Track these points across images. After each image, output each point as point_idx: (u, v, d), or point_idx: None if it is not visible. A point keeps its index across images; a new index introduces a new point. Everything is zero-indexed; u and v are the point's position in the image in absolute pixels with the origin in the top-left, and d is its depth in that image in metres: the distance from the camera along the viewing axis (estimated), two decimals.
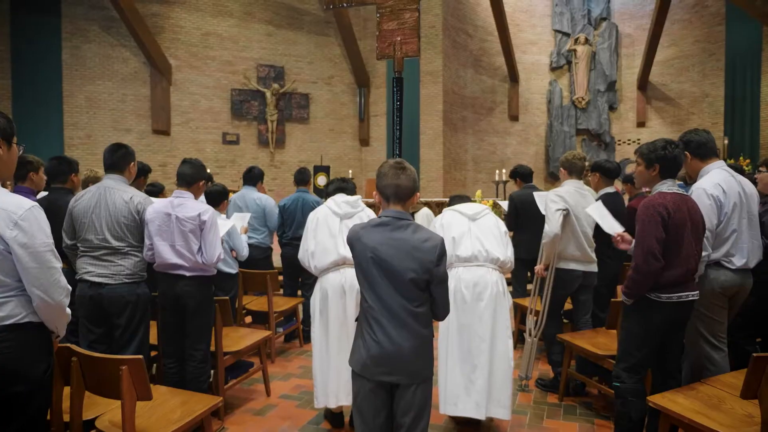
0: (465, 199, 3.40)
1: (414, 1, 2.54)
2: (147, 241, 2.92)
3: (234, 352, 3.35)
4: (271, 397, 3.68)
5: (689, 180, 3.72)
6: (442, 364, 3.07)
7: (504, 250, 3.11)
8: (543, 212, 3.65)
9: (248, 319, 5.03)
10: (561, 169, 3.73)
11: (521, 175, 4.77)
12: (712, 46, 12.99)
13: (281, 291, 5.29)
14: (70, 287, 1.89)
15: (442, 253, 1.93)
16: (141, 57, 11.63)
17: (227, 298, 3.44)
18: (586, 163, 3.87)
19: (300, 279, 5.04)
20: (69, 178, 3.29)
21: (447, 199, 3.49)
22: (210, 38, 12.28)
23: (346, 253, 2.94)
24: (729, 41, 12.45)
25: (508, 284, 4.90)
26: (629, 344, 2.54)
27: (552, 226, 3.43)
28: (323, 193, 3.46)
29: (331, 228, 3.05)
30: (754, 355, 2.07)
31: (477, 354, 2.98)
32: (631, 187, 4.64)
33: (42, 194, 3.42)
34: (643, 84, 14.13)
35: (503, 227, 3.22)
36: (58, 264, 1.82)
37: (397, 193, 1.97)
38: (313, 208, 3.63)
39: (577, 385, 3.70)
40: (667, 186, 2.46)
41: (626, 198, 4.80)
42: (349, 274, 2.99)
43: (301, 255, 3.16)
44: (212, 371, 3.24)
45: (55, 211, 3.02)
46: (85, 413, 2.19)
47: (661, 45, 13.41)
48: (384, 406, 1.99)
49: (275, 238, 5.16)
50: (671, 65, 13.83)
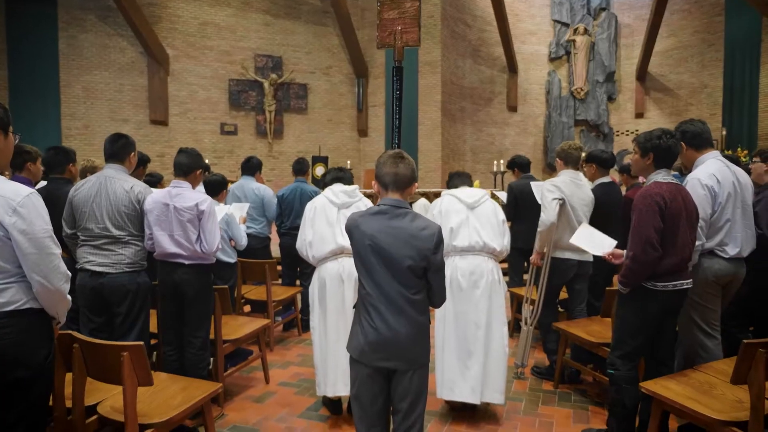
0: (465, 179, 3.37)
1: None
2: (147, 231, 2.94)
3: (233, 340, 3.39)
4: (270, 384, 3.73)
5: (685, 170, 3.75)
6: (438, 351, 3.13)
7: (501, 239, 3.15)
8: (539, 201, 3.67)
9: (247, 309, 5.07)
10: (557, 159, 3.75)
11: (519, 165, 4.79)
12: (711, 36, 12.95)
13: (280, 280, 5.32)
14: (69, 273, 1.91)
15: (439, 241, 1.96)
16: (138, 47, 11.56)
17: (226, 286, 3.46)
18: (582, 154, 3.88)
19: (299, 269, 5.08)
20: (67, 168, 3.30)
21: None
22: (207, 28, 12.20)
23: (344, 242, 2.96)
24: (728, 32, 12.41)
25: (505, 274, 4.95)
26: (624, 332, 2.57)
27: (548, 214, 3.46)
28: (321, 183, 3.47)
29: (328, 217, 3.07)
30: (744, 341, 2.11)
31: (473, 341, 3.04)
32: (628, 177, 4.67)
33: (40, 184, 3.43)
34: (642, 75, 14.11)
35: (501, 214, 3.23)
36: (58, 250, 1.84)
37: (395, 181, 1.99)
38: (311, 198, 3.65)
39: (572, 373, 3.75)
40: (662, 176, 2.48)
41: (623, 189, 4.82)
42: (347, 263, 3.02)
43: (299, 245, 3.18)
44: (211, 359, 3.27)
45: (53, 200, 3.02)
46: (87, 399, 2.23)
47: (660, 35, 13.37)
48: (381, 392, 2.02)
49: (273, 228, 5.18)
50: (670, 56, 13.80)
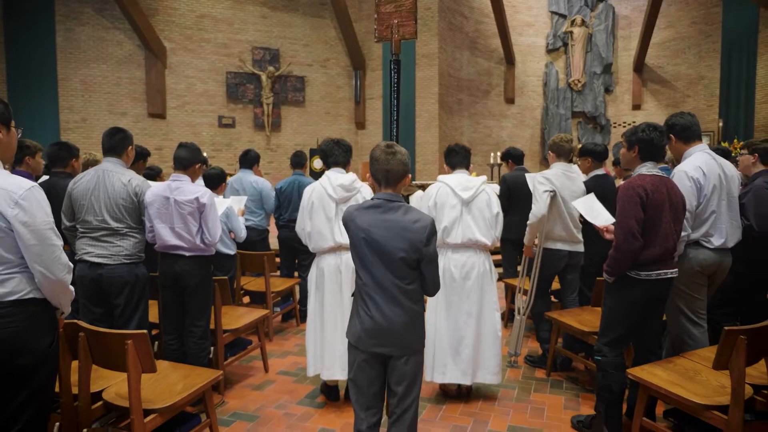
0: (463, 158, 3.33)
1: None
2: (148, 224, 3.01)
3: (233, 329, 3.47)
4: (269, 373, 3.82)
5: (675, 163, 3.82)
6: (430, 337, 3.25)
7: (492, 233, 3.25)
8: (533, 192, 3.74)
9: (246, 300, 5.15)
10: (549, 152, 3.82)
11: (513, 157, 4.85)
12: (709, 27, 12.94)
13: (278, 272, 5.40)
14: (71, 264, 1.98)
15: (431, 233, 2.02)
16: (135, 40, 11.55)
17: (226, 277, 3.54)
18: (579, 145, 3.95)
19: (297, 260, 5.15)
20: (69, 163, 3.36)
21: None
22: (204, 20, 12.19)
23: (342, 240, 3.03)
24: (725, 23, 12.39)
25: (498, 265, 5.04)
26: (610, 320, 2.66)
27: (539, 207, 3.54)
28: (325, 164, 3.34)
29: (327, 212, 3.13)
30: (726, 328, 2.19)
31: (464, 328, 3.18)
32: (621, 169, 4.74)
33: (43, 178, 3.49)
34: (639, 66, 14.11)
35: (495, 206, 3.28)
36: (59, 242, 1.90)
37: (387, 177, 2.07)
38: None
39: (564, 361, 3.85)
40: (647, 168, 2.55)
41: (619, 181, 4.90)
42: (346, 256, 3.10)
43: (298, 231, 3.26)
44: (212, 348, 3.36)
45: (55, 194, 3.09)
46: (92, 386, 2.30)
47: (657, 26, 13.36)
48: (378, 377, 2.11)
49: (272, 220, 5.25)
50: (667, 47, 13.80)
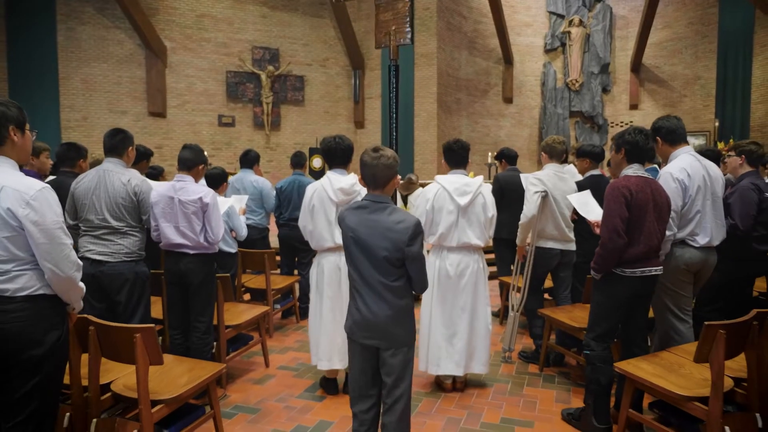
0: (461, 158, 3.39)
1: None
2: (153, 223, 3.11)
3: (235, 325, 3.58)
4: (269, 368, 3.93)
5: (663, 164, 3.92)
6: (424, 331, 3.42)
7: (485, 234, 3.39)
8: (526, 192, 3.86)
9: (247, 297, 5.25)
10: (542, 153, 3.93)
11: (507, 157, 4.95)
12: (705, 28, 13.04)
13: (278, 270, 5.50)
14: (80, 262, 2.07)
15: (414, 234, 2.10)
16: (136, 39, 11.63)
17: (228, 275, 3.64)
18: (578, 144, 4.05)
19: (296, 258, 5.25)
20: (77, 163, 3.45)
21: None
22: (204, 20, 12.27)
23: (341, 242, 3.15)
24: (722, 23, 12.48)
25: (493, 264, 5.15)
26: (597, 315, 2.77)
27: (529, 207, 3.65)
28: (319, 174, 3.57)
29: (328, 215, 3.23)
30: (706, 323, 2.29)
31: (458, 322, 3.33)
32: (612, 170, 4.85)
33: (50, 178, 3.59)
34: (637, 66, 14.22)
35: (490, 210, 3.38)
36: (68, 240, 1.99)
37: (374, 180, 2.18)
38: None
39: (556, 356, 3.96)
40: (633, 170, 2.66)
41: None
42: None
43: (301, 228, 3.36)
44: (214, 343, 3.46)
45: (61, 193, 3.17)
46: (101, 378, 2.41)
47: (654, 27, 13.46)
48: (370, 367, 2.22)
49: (272, 219, 5.35)
50: (664, 47, 13.91)
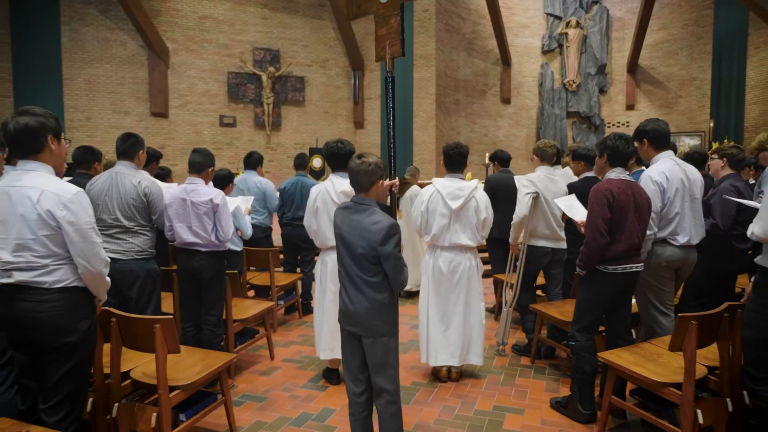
0: (458, 164, 3.54)
1: (396, 7, 2.94)
2: (167, 223, 3.31)
3: (242, 319, 3.77)
4: (274, 360, 4.12)
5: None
6: (423, 325, 3.65)
7: (477, 236, 3.57)
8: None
9: (251, 293, 5.44)
10: (534, 156, 4.12)
11: (500, 159, 5.14)
12: (701, 29, 13.22)
13: (281, 268, 5.69)
14: (108, 259, 2.28)
15: (388, 235, 2.27)
16: (139, 40, 11.79)
17: (236, 271, 3.84)
18: (574, 145, 4.23)
19: (299, 257, 5.45)
20: (93, 166, 3.64)
21: None
22: (206, 22, 12.43)
23: None
24: (717, 25, 12.64)
25: (487, 262, 5.35)
26: (582, 309, 2.97)
27: (521, 208, 3.86)
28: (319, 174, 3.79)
29: (330, 215, 3.42)
30: (679, 315, 2.49)
31: (452, 316, 3.55)
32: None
33: (66, 179, 3.76)
34: (633, 67, 14.41)
35: (482, 213, 3.55)
36: (98, 239, 2.20)
37: (357, 184, 2.41)
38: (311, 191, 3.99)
39: (547, 349, 4.15)
40: (615, 173, 2.86)
41: None
42: None
43: (306, 226, 3.57)
44: (224, 335, 3.65)
45: None
46: (121, 366, 2.60)
47: (650, 28, 13.65)
48: (357, 352, 2.45)
49: (275, 219, 5.54)
50: (660, 48, 14.09)
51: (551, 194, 3.91)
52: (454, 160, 3.55)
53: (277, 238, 5.59)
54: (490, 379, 3.76)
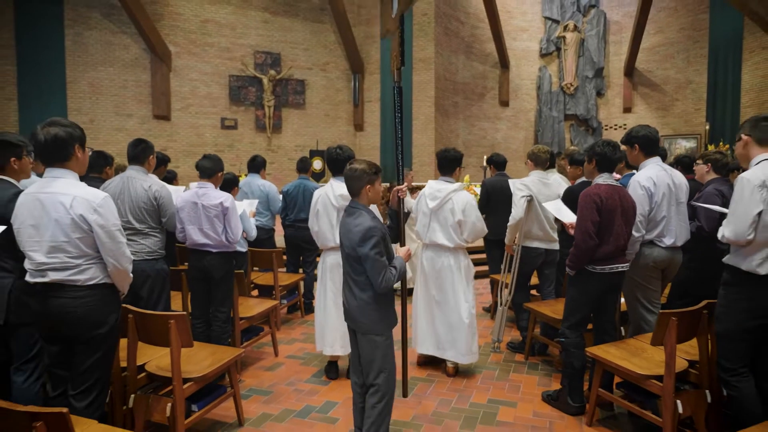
0: (448, 169, 3.74)
1: (396, 28, 3.21)
2: (179, 225, 3.49)
3: (248, 317, 3.94)
4: (278, 357, 4.29)
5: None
6: (414, 317, 3.93)
7: (456, 237, 3.68)
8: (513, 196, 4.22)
9: (255, 293, 5.60)
10: (528, 160, 4.29)
11: (496, 163, 5.30)
12: (697, 33, 13.37)
13: (284, 268, 5.85)
14: (132, 257, 2.45)
15: (365, 237, 2.40)
16: (141, 44, 11.93)
17: (243, 271, 4.00)
18: (572, 148, 4.39)
19: (301, 257, 5.61)
20: (104, 170, 3.80)
21: None
22: (208, 25, 12.59)
23: None
24: (712, 29, 12.77)
25: (485, 263, 5.50)
26: (572, 307, 3.13)
27: (516, 211, 4.03)
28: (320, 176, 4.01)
29: (330, 218, 3.62)
30: (661, 311, 2.65)
31: (434, 311, 3.81)
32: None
33: None
34: (630, 70, 14.57)
35: (458, 213, 3.65)
36: (124, 239, 2.38)
37: (350, 190, 2.60)
38: (313, 194, 4.16)
39: (541, 346, 4.32)
40: (603, 178, 3.02)
41: None
42: None
43: (310, 227, 3.78)
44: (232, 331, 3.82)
45: None
46: (136, 360, 2.76)
47: (647, 32, 13.81)
48: (356, 346, 2.65)
49: (278, 221, 5.70)
50: (657, 52, 14.26)
51: (544, 197, 4.07)
52: (444, 164, 3.80)
53: (279, 240, 5.75)
54: (486, 375, 3.93)
